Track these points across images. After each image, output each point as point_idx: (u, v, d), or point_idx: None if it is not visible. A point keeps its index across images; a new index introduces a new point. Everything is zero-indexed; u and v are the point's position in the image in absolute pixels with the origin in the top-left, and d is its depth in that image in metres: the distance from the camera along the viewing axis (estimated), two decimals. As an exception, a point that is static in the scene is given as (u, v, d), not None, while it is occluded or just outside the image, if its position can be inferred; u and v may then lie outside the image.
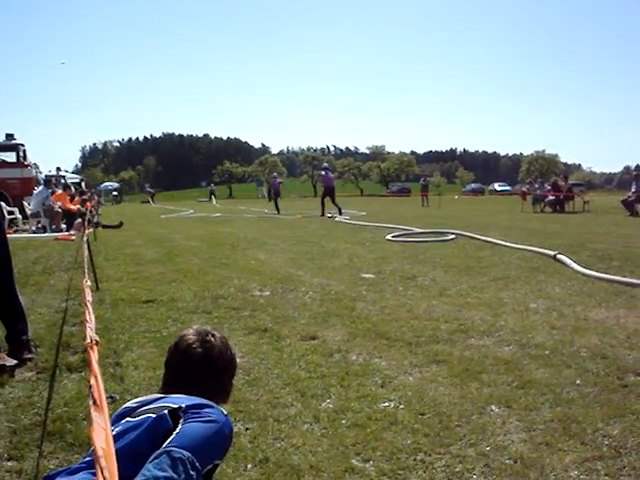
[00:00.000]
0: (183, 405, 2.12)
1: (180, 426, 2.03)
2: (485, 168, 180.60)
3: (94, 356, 1.67)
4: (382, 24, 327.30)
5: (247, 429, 3.55)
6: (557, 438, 3.34)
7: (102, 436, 1.11)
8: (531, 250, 11.66)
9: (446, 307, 6.69)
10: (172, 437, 1.98)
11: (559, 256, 10.33)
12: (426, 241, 13.92)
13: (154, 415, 2.10)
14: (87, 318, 2.25)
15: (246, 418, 3.70)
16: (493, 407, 3.82)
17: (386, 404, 3.92)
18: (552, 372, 4.44)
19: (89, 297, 2.82)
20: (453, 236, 14.32)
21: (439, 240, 13.97)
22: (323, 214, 25.84)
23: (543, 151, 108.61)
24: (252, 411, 3.81)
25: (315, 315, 6.41)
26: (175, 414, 2.09)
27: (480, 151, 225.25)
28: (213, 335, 2.50)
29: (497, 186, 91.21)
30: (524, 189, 35.68)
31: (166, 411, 2.11)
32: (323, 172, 29.35)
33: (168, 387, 2.42)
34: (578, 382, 4.23)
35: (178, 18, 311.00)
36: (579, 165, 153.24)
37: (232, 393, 2.70)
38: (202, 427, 2.03)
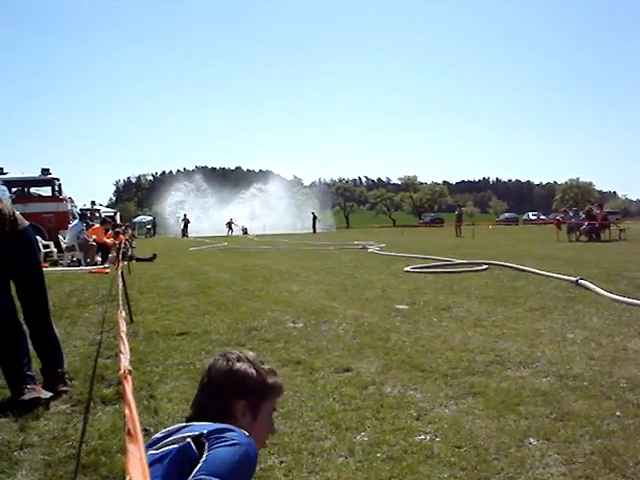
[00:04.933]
0: (205, 431, 2.09)
1: (206, 453, 2.00)
2: (519, 197, 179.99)
3: (128, 386, 1.66)
4: (414, 56, 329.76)
5: (281, 462, 3.51)
6: (598, 471, 3.26)
7: (138, 468, 1.10)
8: (553, 277, 11.72)
9: (482, 338, 6.60)
10: (200, 465, 1.95)
11: (581, 281, 10.33)
12: (448, 272, 13.85)
13: (177, 445, 2.08)
14: (122, 349, 2.25)
15: (280, 451, 3.66)
16: (531, 440, 3.74)
17: (422, 437, 3.86)
18: (591, 404, 4.35)
19: (123, 328, 2.82)
20: (486, 266, 14.19)
21: (464, 271, 13.88)
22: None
23: (577, 179, 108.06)
24: (286, 444, 3.77)
25: (349, 347, 6.37)
26: (199, 441, 2.07)
27: (513, 180, 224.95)
28: (225, 357, 2.46)
29: (531, 215, 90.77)
30: (559, 218, 35.40)
31: (189, 440, 2.09)
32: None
33: (190, 413, 2.42)
34: (618, 414, 4.13)
35: (212, 53, 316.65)
36: (614, 193, 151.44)
37: (263, 417, 2.45)
38: (228, 451, 2.00)
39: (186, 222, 64.78)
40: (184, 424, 2.29)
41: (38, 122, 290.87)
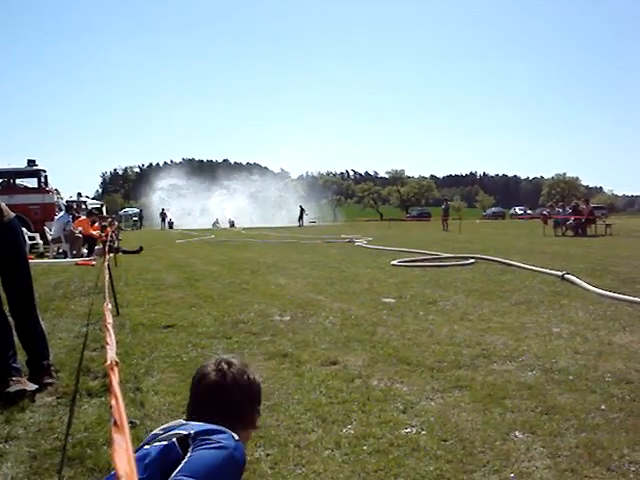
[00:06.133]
0: (192, 432, 2.06)
1: (189, 454, 1.96)
2: (506, 192, 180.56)
3: (115, 378, 1.66)
4: (402, 50, 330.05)
5: (268, 455, 3.52)
6: (582, 464, 3.28)
7: (124, 458, 1.09)
8: (539, 271, 11.77)
9: (468, 332, 6.62)
10: (181, 466, 1.90)
11: (567, 276, 10.40)
12: (435, 266, 13.87)
13: (164, 444, 2.05)
14: (108, 341, 2.24)
15: (267, 444, 3.66)
16: (517, 433, 3.76)
17: (408, 430, 3.87)
18: (576, 397, 4.38)
19: (110, 320, 2.81)
20: (472, 260, 14.24)
21: (451, 265, 13.93)
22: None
23: (564, 174, 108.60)
24: (273, 437, 3.77)
25: (336, 340, 6.37)
26: (184, 441, 2.04)
27: (500, 175, 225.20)
28: (229, 363, 2.45)
29: (518, 210, 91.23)
30: (545, 213, 35.58)
31: (174, 439, 2.05)
32: None
33: (188, 414, 2.40)
34: (603, 407, 4.16)
35: (199, 46, 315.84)
36: (600, 188, 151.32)
37: (258, 419, 2.57)
38: (211, 454, 1.96)
39: (163, 216, 69.47)
40: (183, 422, 2.27)
41: (24, 113, 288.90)
